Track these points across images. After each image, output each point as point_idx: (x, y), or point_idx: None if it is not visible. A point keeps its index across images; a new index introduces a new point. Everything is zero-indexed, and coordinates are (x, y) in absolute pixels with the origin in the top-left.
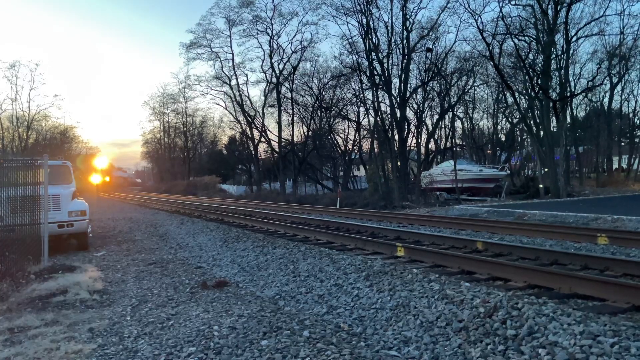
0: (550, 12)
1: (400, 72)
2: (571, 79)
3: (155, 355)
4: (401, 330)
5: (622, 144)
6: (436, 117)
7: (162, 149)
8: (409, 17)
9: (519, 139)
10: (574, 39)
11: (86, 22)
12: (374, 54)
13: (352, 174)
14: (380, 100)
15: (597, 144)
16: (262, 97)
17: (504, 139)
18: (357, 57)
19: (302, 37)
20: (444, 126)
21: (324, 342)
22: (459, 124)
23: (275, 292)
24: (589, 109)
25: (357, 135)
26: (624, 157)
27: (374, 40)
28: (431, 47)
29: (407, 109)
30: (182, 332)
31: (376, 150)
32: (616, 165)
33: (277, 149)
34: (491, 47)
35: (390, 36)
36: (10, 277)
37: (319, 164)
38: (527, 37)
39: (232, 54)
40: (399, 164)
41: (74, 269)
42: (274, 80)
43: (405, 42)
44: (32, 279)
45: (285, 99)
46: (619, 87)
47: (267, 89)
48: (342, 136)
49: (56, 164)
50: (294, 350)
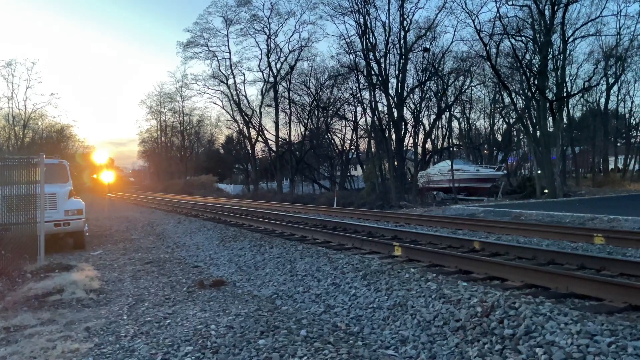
0: (547, 12)
1: (397, 72)
2: (568, 79)
3: (152, 354)
4: (398, 329)
5: (618, 145)
6: (433, 116)
7: (159, 148)
8: (406, 17)
9: (516, 139)
10: (571, 39)
11: (83, 21)
12: (371, 54)
13: (349, 174)
14: (377, 100)
15: (594, 144)
16: (260, 97)
17: (500, 139)
18: (354, 56)
19: (299, 37)
20: (441, 126)
21: (321, 341)
22: (456, 123)
23: (272, 291)
24: (585, 109)
25: (354, 134)
26: (620, 158)
27: (372, 40)
28: (428, 47)
29: (405, 108)
30: (179, 332)
31: (373, 149)
32: (612, 165)
33: (274, 149)
34: (488, 47)
35: (387, 36)
36: (6, 276)
37: (316, 163)
38: (524, 38)
39: (230, 53)
40: (396, 163)
41: (71, 267)
42: (271, 79)
43: (402, 42)
44: (29, 278)
45: (282, 99)
46: (615, 88)
47: (265, 88)
48: (339, 136)
49: (52, 162)
50: (291, 349)
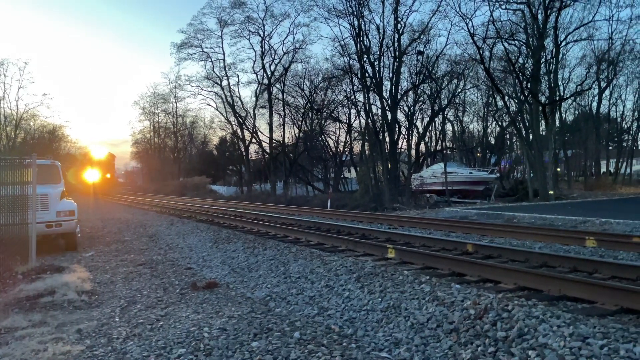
0: (540, 16)
1: (391, 75)
2: (560, 83)
3: (144, 356)
4: (392, 331)
5: (610, 148)
6: (427, 119)
7: (152, 149)
8: (400, 20)
9: (509, 142)
10: (564, 43)
11: (76, 21)
12: (365, 56)
13: (342, 176)
14: (371, 102)
15: (586, 147)
16: (254, 98)
17: (493, 142)
18: (348, 59)
19: (293, 39)
20: (434, 129)
21: (314, 343)
22: (449, 126)
23: (265, 293)
24: (577, 113)
25: (348, 137)
26: (612, 161)
27: (366, 42)
28: (422, 50)
29: (398, 111)
30: (172, 334)
31: (367, 152)
32: (604, 168)
33: (268, 150)
34: (482, 51)
35: (381, 39)
36: None
37: (309, 165)
38: (517, 41)
39: (224, 54)
40: (390, 166)
41: (62, 269)
42: (265, 81)
43: (396, 44)
44: (20, 279)
45: (276, 100)
46: (607, 92)
47: (259, 90)
48: (333, 138)
49: (45, 163)
50: (284, 351)
